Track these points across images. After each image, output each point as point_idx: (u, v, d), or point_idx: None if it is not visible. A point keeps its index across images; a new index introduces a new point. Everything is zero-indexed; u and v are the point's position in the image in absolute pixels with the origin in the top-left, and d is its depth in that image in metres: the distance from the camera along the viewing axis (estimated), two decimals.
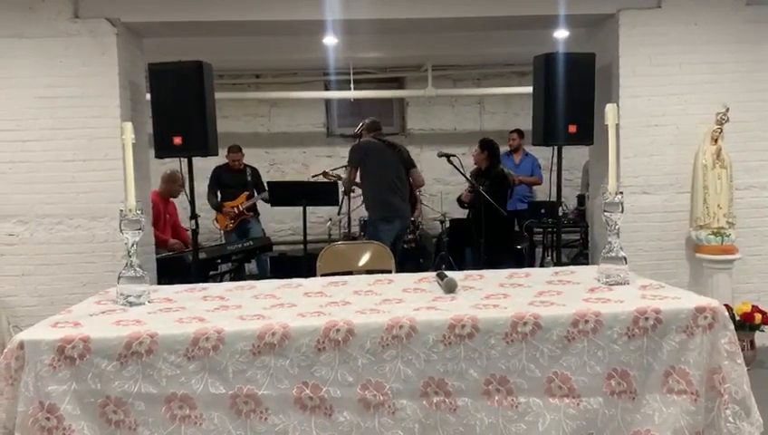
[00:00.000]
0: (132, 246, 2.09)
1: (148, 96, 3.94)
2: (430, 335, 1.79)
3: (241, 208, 6.34)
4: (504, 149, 7.04)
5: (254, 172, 6.63)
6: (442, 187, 7.57)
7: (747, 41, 4.16)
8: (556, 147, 4.06)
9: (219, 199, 6.43)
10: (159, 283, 4.41)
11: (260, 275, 6.40)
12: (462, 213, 6.08)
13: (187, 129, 3.76)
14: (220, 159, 5.73)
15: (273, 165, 7.87)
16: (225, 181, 6.44)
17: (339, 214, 5.33)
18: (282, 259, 6.87)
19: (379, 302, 2.06)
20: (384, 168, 5.05)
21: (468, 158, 6.51)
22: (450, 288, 2.16)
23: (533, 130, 4.11)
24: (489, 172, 5.60)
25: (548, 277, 2.35)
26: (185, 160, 3.94)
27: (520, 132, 6.82)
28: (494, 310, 1.89)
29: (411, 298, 2.11)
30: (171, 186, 5.59)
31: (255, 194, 6.40)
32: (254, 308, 2.02)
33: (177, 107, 3.76)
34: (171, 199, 5.73)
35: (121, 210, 2.09)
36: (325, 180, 5.92)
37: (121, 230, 2.09)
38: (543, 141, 3.98)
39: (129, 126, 2.10)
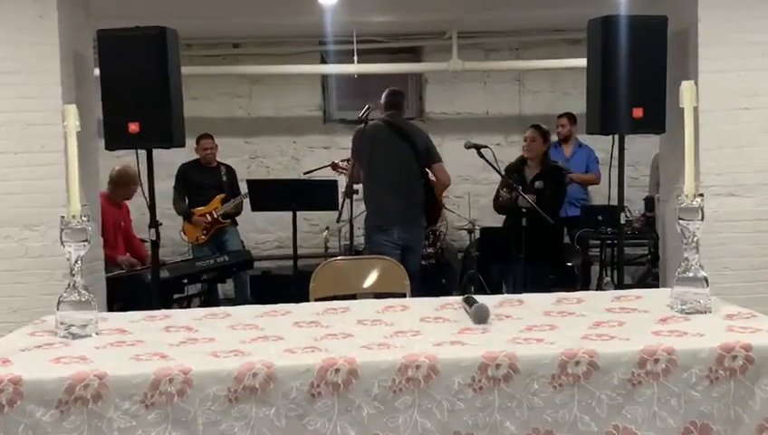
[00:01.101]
0: (76, 262, 2.10)
1: (97, 71, 3.97)
2: (455, 378, 1.78)
3: (215, 215, 6.37)
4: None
5: (230, 171, 6.66)
6: (470, 186, 7.57)
7: None
8: (617, 136, 4.05)
9: (188, 204, 6.46)
10: (110, 309, 4.43)
11: (238, 300, 6.42)
12: (496, 220, 6.07)
13: (145, 113, 3.79)
14: (187, 150, 5.76)
15: (255, 158, 7.91)
16: (194, 181, 6.47)
17: (338, 221, 5.35)
18: (265, 279, 6.89)
19: (390, 334, 2.06)
20: (386, 161, 5.04)
21: (504, 149, 6.52)
22: (481, 317, 2.15)
23: (588, 115, 4.11)
24: (551, 172, 5.57)
25: (607, 304, 2.34)
26: (143, 153, 3.97)
27: (571, 117, 6.81)
28: (538, 345, 1.88)
29: (431, 330, 2.11)
30: (122, 188, 5.60)
31: (231, 199, 6.42)
32: (231, 342, 2.02)
33: (134, 85, 3.79)
34: (125, 202, 5.75)
35: (63, 217, 2.11)
36: (331, 172, 5.92)
37: (62, 242, 2.10)
38: (601, 129, 3.97)
39: (72, 110, 2.12)
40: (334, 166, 5.92)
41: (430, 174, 5.22)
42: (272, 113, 7.92)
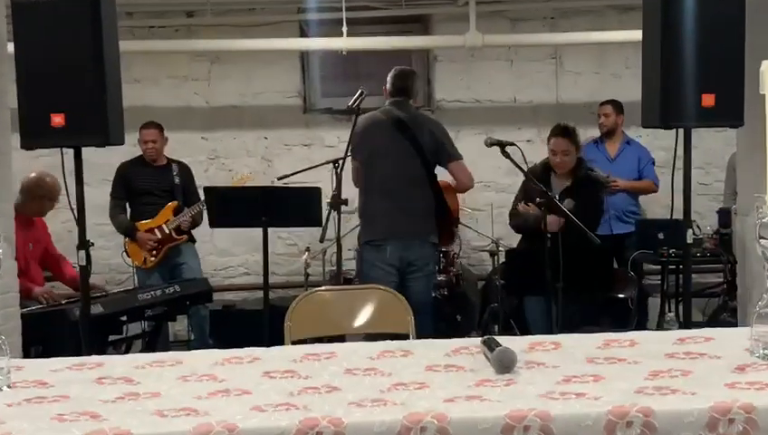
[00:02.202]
0: None
1: (11, 48, 3.99)
2: None
3: (166, 230, 6.36)
4: (589, 134, 7.05)
5: (184, 170, 6.65)
6: (493, 196, 7.58)
7: None
8: (682, 130, 4.06)
9: (129, 217, 6.45)
10: (26, 355, 4.42)
11: (192, 343, 6.41)
12: (526, 239, 6.07)
13: (73, 102, 3.80)
14: (127, 150, 5.78)
15: (215, 159, 7.91)
16: (137, 185, 6.45)
17: (322, 240, 5.34)
18: (227, 315, 6.88)
19: (388, 387, 2.07)
20: (381, 160, 5.13)
21: (536, 146, 6.53)
22: (505, 365, 2.16)
23: (644, 103, 4.12)
24: (586, 181, 5.56)
25: (668, 347, 2.35)
26: (70, 152, 3.97)
27: (617, 105, 6.83)
28: (579, 402, 1.89)
29: (441, 381, 2.11)
30: (34, 203, 5.56)
31: (186, 209, 6.41)
32: (182, 397, 2.02)
33: (59, 66, 3.79)
34: (39, 219, 5.73)
35: None
36: (314, 178, 5.77)
37: None
38: (661, 121, 3.99)
39: None
40: (338, 173, 5.52)
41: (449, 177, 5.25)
42: (236, 101, 7.93)
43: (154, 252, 6.33)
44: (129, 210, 6.49)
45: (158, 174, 6.50)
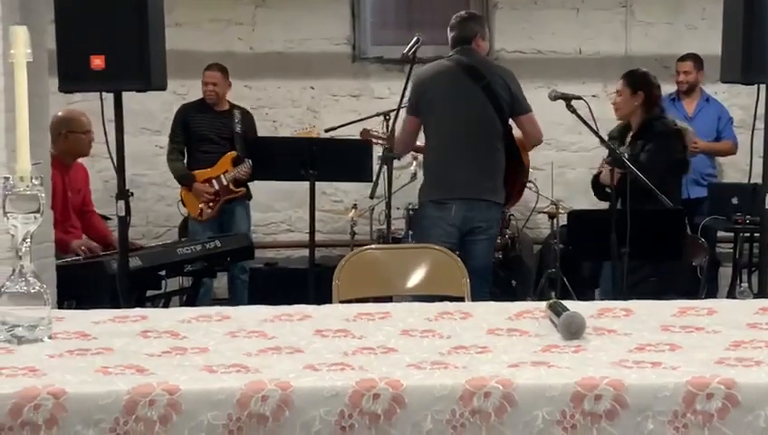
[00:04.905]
0: (24, 240, 2.12)
1: None
2: (539, 412, 1.78)
3: (224, 181, 6.39)
4: (666, 89, 6.95)
5: (246, 117, 6.66)
6: (554, 154, 7.52)
7: None
8: (764, 87, 4.00)
9: (187, 163, 6.50)
10: (61, 306, 4.49)
11: (232, 301, 6.47)
12: (589, 200, 6.03)
13: (113, 43, 3.84)
14: (167, 97, 5.80)
15: (259, 109, 7.91)
16: (195, 130, 6.49)
17: (372, 196, 5.35)
18: (269, 274, 6.93)
19: (448, 350, 2.07)
20: (452, 113, 5.08)
21: (603, 102, 6.46)
22: (574, 330, 2.15)
23: (724, 57, 4.06)
24: (648, 128, 5.48)
25: (748, 317, 2.33)
26: (109, 97, 4.00)
27: (697, 60, 6.74)
28: (654, 371, 1.88)
29: (504, 346, 2.11)
30: (70, 139, 5.59)
31: (246, 159, 6.38)
32: (231, 353, 2.04)
33: (99, 6, 3.82)
34: (78, 162, 5.76)
35: (7, 178, 2.13)
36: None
37: (6, 213, 2.12)
38: (742, 76, 3.93)
39: (22, 33, 2.13)
40: (365, 134, 5.81)
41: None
42: (281, 48, 7.92)
43: (211, 204, 6.38)
44: (186, 156, 6.54)
45: (219, 120, 6.54)
